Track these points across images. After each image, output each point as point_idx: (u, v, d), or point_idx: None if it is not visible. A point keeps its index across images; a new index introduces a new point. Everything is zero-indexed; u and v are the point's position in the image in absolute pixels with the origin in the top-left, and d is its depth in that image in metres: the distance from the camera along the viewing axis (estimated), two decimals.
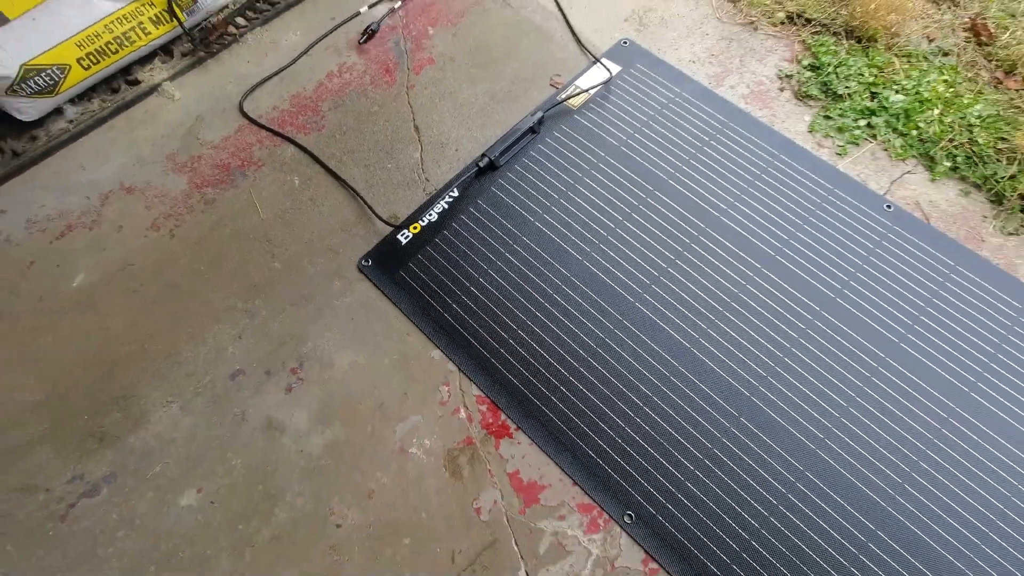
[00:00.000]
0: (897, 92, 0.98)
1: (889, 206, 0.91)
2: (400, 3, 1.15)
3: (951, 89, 0.98)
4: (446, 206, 0.94)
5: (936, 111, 0.96)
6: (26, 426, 0.80)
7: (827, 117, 0.98)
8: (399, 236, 0.92)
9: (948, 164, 0.93)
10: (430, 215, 0.94)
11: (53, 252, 0.94)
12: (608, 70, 1.04)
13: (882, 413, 0.76)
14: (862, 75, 1.00)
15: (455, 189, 0.95)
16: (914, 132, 0.95)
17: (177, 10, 1.04)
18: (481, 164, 0.95)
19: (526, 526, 0.74)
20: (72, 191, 1.00)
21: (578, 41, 1.09)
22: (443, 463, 0.78)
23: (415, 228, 0.93)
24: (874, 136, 0.96)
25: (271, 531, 0.75)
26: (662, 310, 0.84)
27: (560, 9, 1.13)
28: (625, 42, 1.09)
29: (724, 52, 1.07)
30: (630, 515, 0.73)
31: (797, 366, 0.79)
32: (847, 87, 0.99)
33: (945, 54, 1.03)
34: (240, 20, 1.13)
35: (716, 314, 0.83)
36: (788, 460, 0.74)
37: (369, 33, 1.11)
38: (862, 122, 0.97)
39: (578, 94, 1.02)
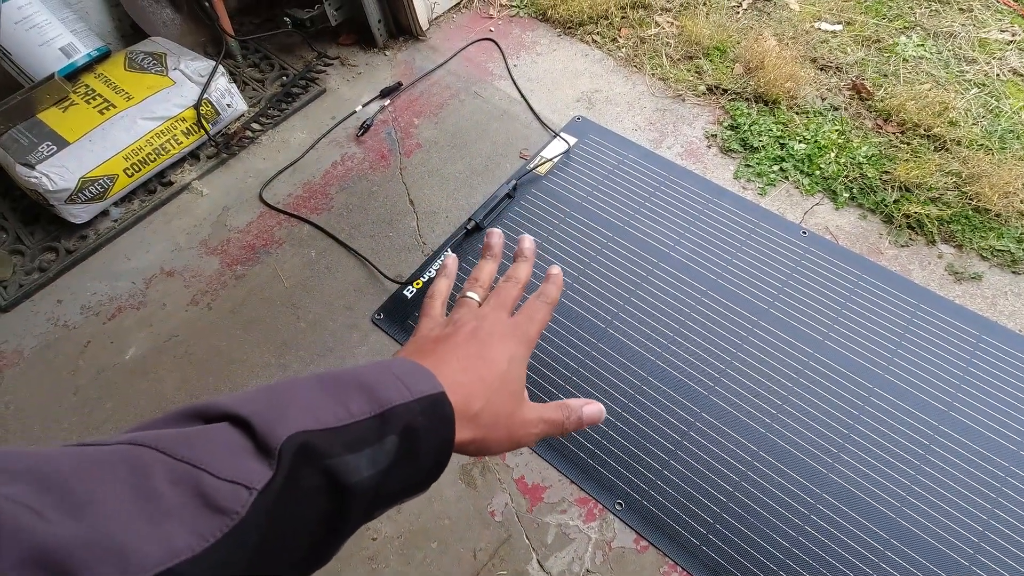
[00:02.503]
0: (800, 142, 1.21)
1: (804, 232, 1.11)
2: (389, 101, 1.38)
3: (842, 136, 1.22)
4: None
5: (832, 154, 1.19)
6: None
7: (748, 165, 1.20)
8: (405, 292, 1.10)
9: (847, 195, 1.14)
10: (429, 272, 1.11)
11: (106, 331, 1.10)
12: (567, 142, 1.25)
13: (816, 396, 0.93)
14: (771, 130, 1.23)
15: (448, 249, 1.14)
16: (817, 172, 1.17)
17: (204, 122, 1.25)
18: (468, 227, 1.14)
19: (534, 521, 0.88)
20: (119, 278, 1.16)
21: (540, 120, 1.32)
22: (459, 476, 0.92)
23: (418, 284, 1.10)
24: (786, 177, 1.18)
25: None
26: (629, 332, 1.01)
27: (523, 96, 1.36)
28: (578, 118, 1.31)
29: (660, 120, 1.30)
30: (619, 503, 0.88)
31: (740, 365, 0.96)
32: (760, 140, 1.22)
33: (835, 109, 1.27)
34: (255, 125, 1.34)
35: (673, 331, 1.01)
36: (741, 442, 0.90)
37: (365, 127, 1.32)
38: (776, 167, 1.19)
39: (544, 163, 1.23)
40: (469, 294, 0.40)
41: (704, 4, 1.49)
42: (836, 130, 1.22)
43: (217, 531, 0.21)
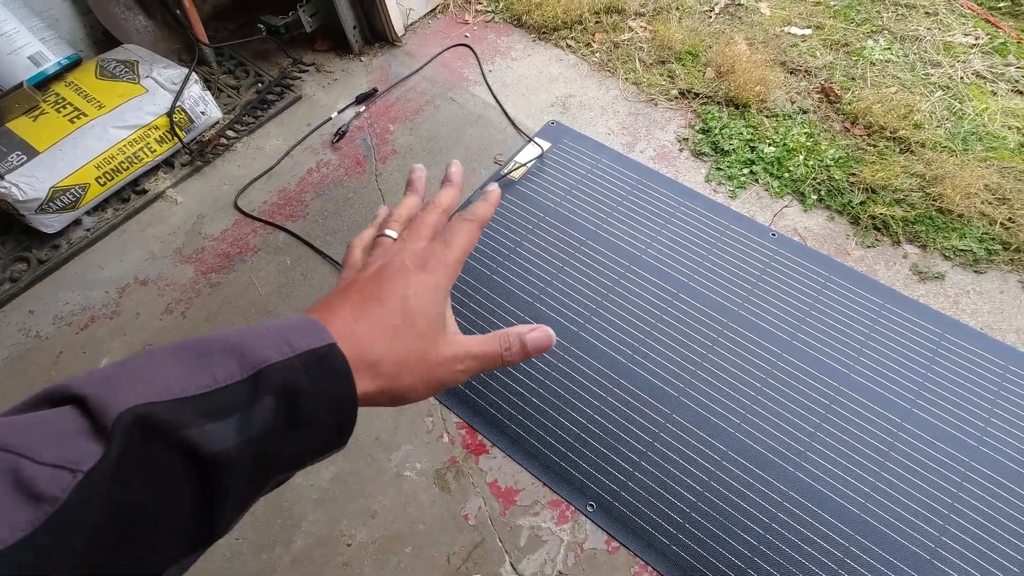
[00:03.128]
0: (769, 145, 1.23)
1: (774, 234, 1.13)
2: (364, 107, 1.38)
3: (811, 139, 1.24)
4: None
5: (801, 157, 1.21)
6: None
7: (719, 169, 1.22)
8: None
9: (815, 197, 1.16)
10: None
11: (79, 341, 1.09)
12: (540, 146, 1.26)
13: (784, 397, 0.95)
14: (742, 134, 1.25)
15: None
16: (786, 174, 1.19)
17: (178, 130, 1.25)
18: None
19: (507, 525, 0.89)
20: (92, 288, 1.15)
21: (514, 125, 1.33)
22: (433, 481, 0.93)
23: None
24: (756, 180, 1.20)
25: (291, 556, 0.88)
26: (601, 335, 1.03)
27: (497, 101, 1.37)
28: (553, 123, 1.33)
29: (633, 124, 1.32)
30: (591, 505, 0.89)
31: (710, 366, 0.98)
32: (731, 144, 1.24)
33: (804, 112, 1.29)
34: (230, 132, 1.34)
35: (645, 333, 1.02)
36: (711, 443, 0.91)
37: (340, 134, 1.33)
38: (746, 170, 1.21)
39: (518, 168, 1.24)
40: (386, 232, 0.35)
41: (677, 9, 1.51)
42: (805, 133, 1.24)
43: (34, 520, 0.19)
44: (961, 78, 1.31)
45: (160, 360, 0.24)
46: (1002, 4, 1.44)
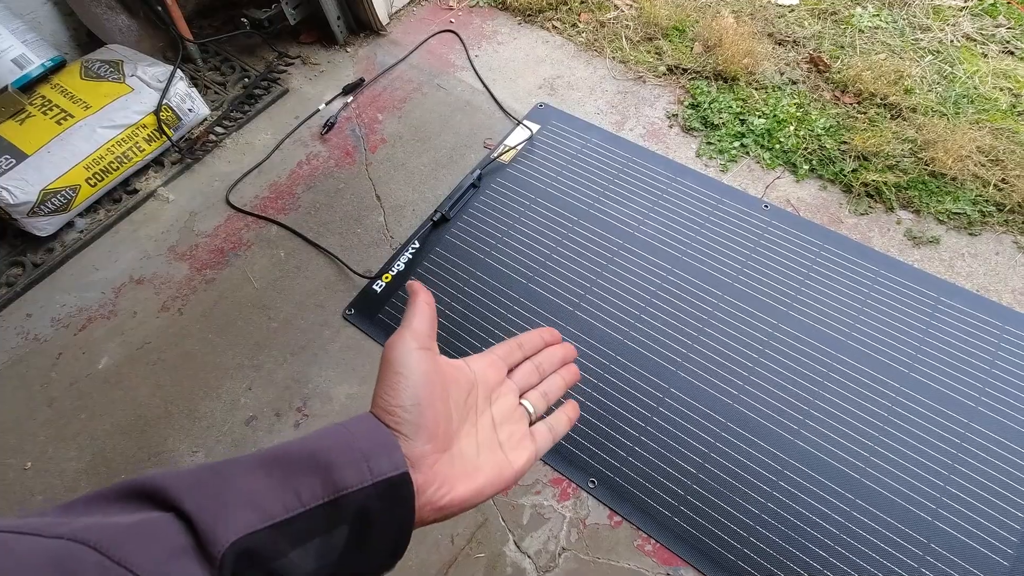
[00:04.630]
0: (759, 117, 1.22)
1: (766, 206, 1.12)
2: (352, 97, 1.38)
3: (801, 109, 1.23)
4: (410, 256, 1.13)
5: (791, 128, 1.20)
6: (77, 490, 0.93)
7: (709, 143, 1.22)
8: (374, 286, 1.10)
9: (807, 167, 1.16)
10: (398, 265, 1.12)
11: (78, 342, 1.09)
12: (529, 129, 1.26)
13: (781, 367, 0.95)
14: (731, 107, 1.24)
15: (416, 242, 1.14)
16: (777, 146, 1.19)
17: (165, 128, 1.24)
18: (435, 219, 1.15)
19: (509, 504, 0.89)
20: (88, 289, 1.15)
21: (502, 109, 1.32)
22: None
23: (387, 278, 1.11)
24: (747, 153, 1.19)
25: None
26: (597, 313, 1.02)
27: (485, 86, 1.36)
28: (541, 105, 1.32)
29: (622, 103, 1.31)
30: (593, 481, 0.89)
31: (707, 339, 0.98)
32: (721, 118, 1.23)
33: (794, 83, 1.28)
34: (218, 129, 1.34)
35: (640, 310, 1.02)
36: (709, 414, 0.91)
37: (329, 125, 1.32)
38: (736, 143, 1.20)
39: (508, 151, 1.23)
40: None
41: None
42: (795, 103, 1.24)
43: None
44: (951, 41, 1.30)
45: (250, 476, 0.26)
46: None
